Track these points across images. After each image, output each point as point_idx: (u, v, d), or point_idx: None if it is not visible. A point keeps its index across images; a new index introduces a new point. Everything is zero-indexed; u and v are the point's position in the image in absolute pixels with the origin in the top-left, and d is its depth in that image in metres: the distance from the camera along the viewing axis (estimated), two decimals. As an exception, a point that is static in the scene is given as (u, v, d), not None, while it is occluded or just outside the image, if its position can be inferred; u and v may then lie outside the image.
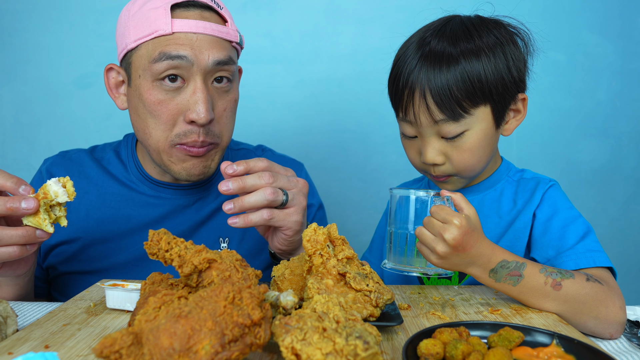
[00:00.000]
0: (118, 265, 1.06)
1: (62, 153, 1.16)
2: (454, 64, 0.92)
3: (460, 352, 0.56)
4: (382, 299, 0.68)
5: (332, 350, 0.47)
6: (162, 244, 0.65)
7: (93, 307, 0.78)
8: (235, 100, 1.02)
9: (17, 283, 0.91)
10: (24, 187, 0.78)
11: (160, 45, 0.92)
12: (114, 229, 1.06)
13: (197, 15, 0.94)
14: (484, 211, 1.04)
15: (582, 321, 0.78)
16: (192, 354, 0.47)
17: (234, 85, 1.01)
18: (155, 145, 0.97)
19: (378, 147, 1.82)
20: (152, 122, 0.95)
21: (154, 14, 0.92)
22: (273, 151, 1.27)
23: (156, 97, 0.94)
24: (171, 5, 0.93)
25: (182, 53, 0.91)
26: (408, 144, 1.02)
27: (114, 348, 0.48)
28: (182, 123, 0.94)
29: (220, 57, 0.94)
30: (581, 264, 0.87)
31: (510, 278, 0.80)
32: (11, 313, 0.69)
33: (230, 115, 1.01)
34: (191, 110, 0.92)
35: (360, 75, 1.79)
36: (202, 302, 0.51)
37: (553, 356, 0.57)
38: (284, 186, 0.86)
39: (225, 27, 0.97)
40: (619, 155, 1.87)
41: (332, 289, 0.67)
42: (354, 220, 1.83)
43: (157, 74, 0.92)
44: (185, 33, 0.92)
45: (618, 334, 0.77)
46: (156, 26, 0.92)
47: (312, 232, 0.71)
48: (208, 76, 0.95)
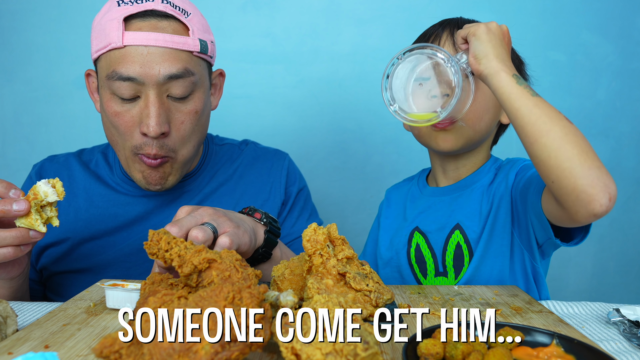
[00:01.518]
0: (107, 261, 1.07)
1: (50, 157, 1.18)
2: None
3: (460, 352, 0.56)
4: (382, 299, 0.68)
5: (332, 350, 0.47)
6: (162, 244, 0.65)
7: (93, 307, 0.78)
8: (195, 111, 0.99)
9: (11, 286, 0.92)
10: (13, 190, 0.80)
11: (113, 61, 0.92)
12: (102, 227, 1.08)
13: (151, 27, 0.92)
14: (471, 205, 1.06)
15: (583, 166, 0.72)
16: (192, 354, 0.47)
17: (195, 96, 0.99)
18: (121, 152, 1.00)
19: (378, 147, 1.82)
20: (114, 131, 0.98)
21: (110, 25, 0.92)
22: (257, 144, 1.27)
23: (113, 108, 0.95)
24: (128, 16, 0.92)
25: (132, 74, 0.91)
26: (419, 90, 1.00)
27: (114, 348, 0.48)
28: (138, 135, 0.96)
29: (172, 70, 0.92)
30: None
31: (528, 88, 0.79)
32: (11, 313, 0.69)
33: (189, 127, 0.99)
34: (143, 124, 0.93)
35: (360, 75, 1.79)
36: (202, 302, 0.51)
37: (553, 356, 0.57)
38: (190, 225, 0.79)
39: (184, 37, 0.94)
40: (619, 155, 1.87)
41: (332, 289, 0.67)
42: (354, 220, 1.83)
43: (112, 89, 0.94)
44: (135, 47, 0.91)
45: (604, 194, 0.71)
46: (110, 39, 0.92)
47: (312, 232, 0.71)
48: (162, 89, 0.94)
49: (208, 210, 0.83)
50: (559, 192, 0.75)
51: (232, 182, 1.17)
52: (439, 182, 1.13)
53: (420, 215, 1.11)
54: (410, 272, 1.10)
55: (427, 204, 1.12)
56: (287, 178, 1.22)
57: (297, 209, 1.21)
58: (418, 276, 1.09)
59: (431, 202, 1.12)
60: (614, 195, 0.73)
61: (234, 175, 1.18)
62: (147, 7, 0.92)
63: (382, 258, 1.15)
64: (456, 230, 1.04)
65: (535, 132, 0.77)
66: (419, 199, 1.15)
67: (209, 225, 0.80)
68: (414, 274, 1.09)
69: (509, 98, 0.79)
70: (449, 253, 1.04)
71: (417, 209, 1.13)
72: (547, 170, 0.76)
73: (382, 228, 1.20)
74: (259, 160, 1.22)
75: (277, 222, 0.97)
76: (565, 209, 0.77)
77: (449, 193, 1.10)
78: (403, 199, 1.20)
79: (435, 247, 1.07)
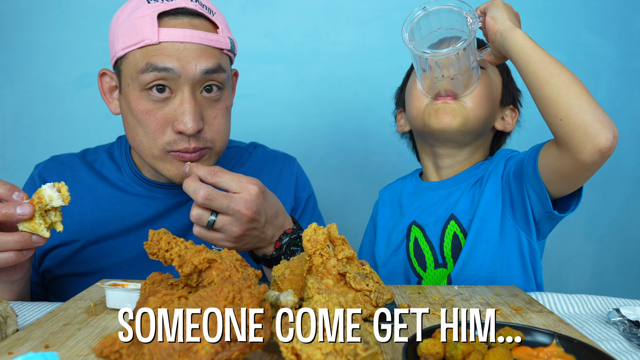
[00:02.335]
0: (114, 265, 1.06)
1: (54, 158, 1.15)
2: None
3: (460, 352, 0.56)
4: (382, 299, 0.68)
5: (332, 350, 0.47)
6: (162, 243, 0.65)
7: (93, 307, 0.78)
8: (226, 107, 1.00)
9: (12, 289, 0.91)
10: (17, 193, 0.78)
11: (147, 55, 0.90)
12: (109, 230, 1.06)
13: (186, 24, 0.92)
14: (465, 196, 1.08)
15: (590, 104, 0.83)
16: (192, 354, 0.47)
17: (224, 93, 0.99)
18: (147, 152, 0.97)
19: (378, 147, 1.82)
20: (140, 130, 0.95)
21: (141, 22, 0.90)
22: (265, 147, 1.26)
23: (144, 106, 0.93)
24: (159, 14, 0.91)
25: (169, 65, 0.89)
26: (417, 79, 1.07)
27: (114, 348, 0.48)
28: (171, 132, 0.93)
29: (208, 65, 0.92)
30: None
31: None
32: (11, 313, 0.69)
33: (222, 121, 0.99)
34: (179, 121, 0.91)
35: (360, 75, 1.79)
36: (202, 302, 0.51)
37: (553, 356, 0.57)
38: (218, 208, 0.84)
39: (216, 35, 0.95)
40: (619, 155, 1.86)
41: (332, 288, 0.67)
42: (354, 220, 1.83)
43: (144, 84, 0.91)
44: (172, 43, 0.90)
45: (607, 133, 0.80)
46: (143, 35, 0.90)
47: (312, 232, 0.71)
48: (197, 86, 0.93)
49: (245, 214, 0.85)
50: (566, 129, 0.83)
51: None
52: (433, 178, 1.16)
53: (417, 210, 1.13)
54: (409, 266, 1.10)
55: (424, 198, 1.14)
56: (297, 183, 1.21)
57: (307, 216, 1.21)
58: (417, 270, 1.09)
59: (428, 197, 1.14)
60: (617, 135, 0.82)
61: None
62: (179, 5, 0.92)
63: (381, 257, 1.16)
64: (451, 221, 1.07)
65: (546, 75, 0.85)
66: (414, 195, 1.17)
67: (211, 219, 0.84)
68: (413, 269, 1.10)
69: (522, 48, 0.88)
70: (446, 244, 1.06)
71: (414, 203, 1.15)
72: (556, 108, 0.84)
73: (379, 227, 1.21)
74: (268, 164, 1.21)
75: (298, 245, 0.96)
76: (569, 149, 0.84)
77: (445, 187, 1.12)
78: (398, 197, 1.21)
79: (432, 239, 1.08)
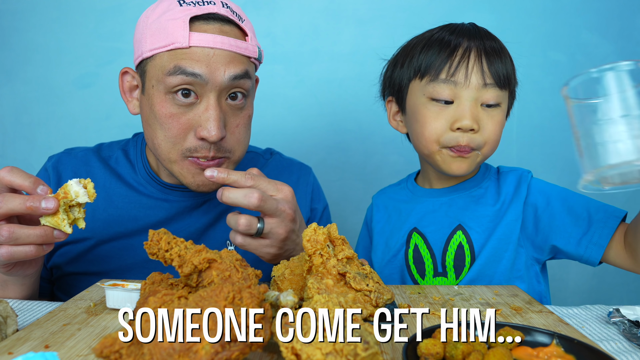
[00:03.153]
0: (124, 267, 1.05)
1: (68, 151, 1.13)
2: (499, 41, 1.04)
3: (460, 352, 0.56)
4: (382, 299, 0.68)
5: (332, 350, 0.47)
6: (162, 243, 0.65)
7: (93, 307, 0.78)
8: (249, 116, 1.00)
9: (24, 283, 0.91)
10: (41, 187, 0.77)
11: (176, 58, 0.89)
12: (121, 230, 1.05)
13: (217, 30, 0.91)
14: (471, 207, 1.07)
15: None
16: (192, 354, 0.47)
17: (248, 101, 0.99)
18: (165, 156, 0.95)
19: (378, 147, 1.82)
20: (161, 133, 0.93)
21: (172, 25, 0.89)
22: (281, 154, 1.26)
23: (168, 110, 0.91)
24: (191, 18, 0.90)
25: (197, 71, 0.89)
26: (435, 112, 1.00)
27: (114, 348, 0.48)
28: (193, 138, 0.92)
29: (236, 72, 0.92)
30: (611, 225, 0.93)
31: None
32: (11, 313, 0.69)
33: (243, 130, 0.98)
34: (202, 127, 0.90)
35: (360, 75, 1.79)
36: (202, 302, 0.51)
37: (553, 356, 0.57)
38: (267, 211, 0.84)
39: (245, 42, 0.94)
40: (619, 155, 1.86)
41: (332, 288, 0.67)
42: (354, 220, 1.83)
43: (170, 87, 0.90)
44: (202, 48, 0.89)
45: None
46: (173, 38, 0.89)
47: (312, 232, 0.71)
48: (223, 92, 0.92)
49: (289, 214, 0.86)
50: None
51: None
52: (433, 185, 1.14)
53: (418, 216, 1.12)
54: (407, 273, 1.10)
55: (425, 205, 1.12)
56: (312, 194, 1.21)
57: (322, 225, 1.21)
58: (415, 277, 1.09)
59: (429, 203, 1.12)
60: None
61: None
62: (211, 10, 0.91)
63: (378, 262, 1.15)
64: (458, 231, 1.05)
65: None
66: (414, 201, 1.15)
67: (260, 225, 0.84)
68: (410, 275, 1.09)
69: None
70: (449, 253, 1.04)
71: (415, 210, 1.13)
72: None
73: (375, 232, 1.20)
74: (285, 173, 1.21)
75: None
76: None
77: (447, 194, 1.11)
78: (394, 202, 1.19)
79: (434, 247, 1.07)
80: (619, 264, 0.93)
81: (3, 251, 0.76)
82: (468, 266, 1.03)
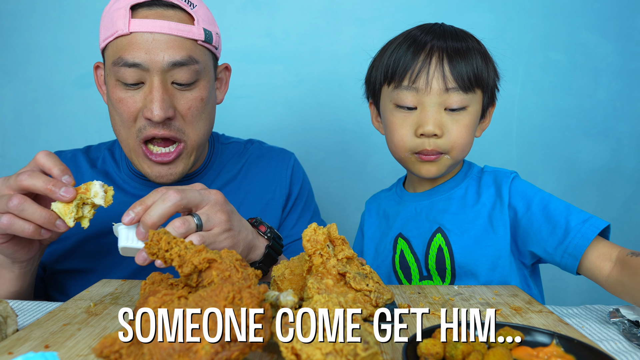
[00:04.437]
0: (113, 262, 1.05)
1: (58, 152, 1.16)
2: (467, 40, 1.00)
3: (460, 352, 0.56)
4: (382, 299, 0.68)
5: (332, 350, 0.47)
6: (162, 243, 0.65)
7: (93, 307, 0.78)
8: (201, 98, 1.00)
9: (13, 271, 0.90)
10: (67, 177, 0.80)
11: (120, 48, 0.94)
12: (108, 225, 1.07)
13: (157, 15, 0.95)
14: (451, 209, 1.06)
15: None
16: (192, 354, 0.47)
17: (200, 84, 1.00)
18: (125, 143, 1.00)
19: (378, 147, 1.82)
20: (118, 119, 0.99)
21: (117, 14, 0.94)
22: (262, 143, 1.27)
23: (118, 95, 0.97)
24: (134, 5, 0.94)
25: (137, 60, 0.93)
26: (401, 118, 1.00)
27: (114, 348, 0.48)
28: (142, 119, 0.97)
29: (176, 57, 0.94)
30: (588, 236, 0.90)
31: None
32: (11, 313, 0.69)
33: (196, 113, 1.00)
34: (147, 109, 0.94)
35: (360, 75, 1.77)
36: (202, 302, 0.51)
37: (553, 356, 0.57)
38: (193, 201, 0.79)
39: (188, 26, 0.96)
40: (619, 155, 1.87)
41: (332, 288, 0.67)
42: (354, 220, 1.83)
43: (117, 76, 0.96)
44: (141, 33, 0.93)
45: None
46: (117, 26, 0.94)
47: (312, 232, 0.71)
48: (167, 75, 0.96)
49: (217, 197, 0.82)
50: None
51: (237, 180, 1.17)
52: (416, 188, 1.13)
53: (403, 221, 1.11)
54: (394, 278, 1.10)
55: (408, 210, 1.12)
56: (291, 177, 1.21)
57: (298, 209, 1.20)
58: (403, 282, 1.08)
59: (411, 208, 1.11)
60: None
61: (239, 174, 1.18)
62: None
63: None
64: (438, 234, 1.04)
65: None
66: (399, 206, 1.15)
67: (196, 218, 0.79)
68: (398, 281, 1.09)
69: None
70: (431, 257, 1.04)
71: (399, 215, 1.13)
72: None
73: (366, 238, 1.19)
74: (264, 159, 1.22)
75: (281, 239, 0.97)
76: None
77: (428, 197, 1.10)
78: (384, 207, 1.19)
79: (418, 252, 1.06)
80: (594, 278, 0.89)
81: (4, 220, 0.78)
82: (449, 269, 1.02)
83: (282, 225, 1.18)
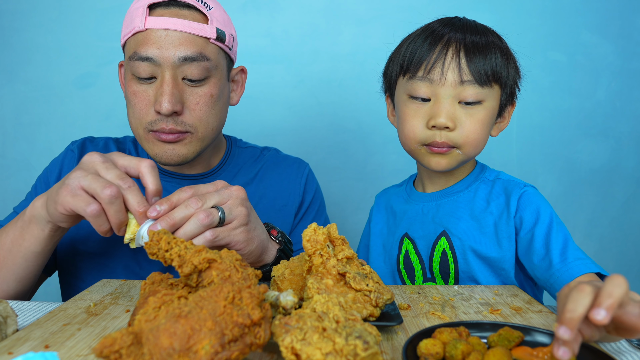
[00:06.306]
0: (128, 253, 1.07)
1: (90, 138, 1.20)
2: (487, 35, 0.99)
3: (460, 352, 0.56)
4: (381, 299, 0.68)
5: (332, 350, 0.47)
6: (162, 243, 0.65)
7: (93, 307, 0.78)
8: (211, 95, 1.03)
9: (44, 230, 0.86)
10: (157, 197, 0.80)
11: (135, 44, 0.99)
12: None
13: (173, 14, 0.99)
14: (457, 213, 1.05)
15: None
16: (192, 354, 0.47)
17: (210, 81, 1.03)
18: (136, 132, 1.04)
19: (378, 147, 1.82)
20: (131, 111, 1.03)
21: (136, 12, 0.99)
22: (278, 151, 1.29)
23: (133, 88, 1.01)
24: (152, 4, 0.98)
25: (150, 55, 0.97)
26: (414, 109, 0.99)
27: (114, 348, 0.48)
28: (153, 113, 1.00)
29: (187, 53, 0.98)
30: (574, 273, 0.88)
31: None
32: (11, 313, 0.69)
33: (204, 108, 1.02)
34: (157, 102, 0.98)
35: (360, 75, 1.79)
36: (202, 302, 0.51)
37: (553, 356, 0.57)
38: (217, 202, 0.81)
39: (201, 25, 0.99)
40: (619, 155, 1.87)
41: (332, 288, 0.67)
42: (354, 220, 1.83)
43: (132, 70, 1.00)
44: (156, 30, 0.97)
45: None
46: (135, 23, 0.98)
47: (311, 232, 0.71)
48: (178, 71, 0.99)
49: (239, 193, 0.83)
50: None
51: (253, 184, 1.19)
52: (426, 188, 1.13)
53: (410, 221, 1.11)
54: (399, 277, 1.09)
55: (415, 210, 1.11)
56: (305, 186, 1.23)
57: (309, 218, 1.22)
58: (406, 282, 1.08)
59: (419, 208, 1.11)
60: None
61: (255, 178, 1.20)
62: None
63: (374, 263, 1.15)
64: (442, 237, 1.04)
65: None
66: (407, 205, 1.14)
67: (220, 211, 0.80)
68: (402, 280, 1.09)
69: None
70: (435, 260, 1.04)
71: (406, 214, 1.12)
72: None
73: (373, 234, 1.19)
74: (280, 166, 1.24)
75: (292, 244, 0.98)
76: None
77: (436, 199, 1.09)
78: (392, 204, 1.19)
79: (422, 253, 1.06)
80: None
81: (93, 209, 0.75)
82: (452, 273, 1.02)
83: (292, 232, 1.20)
